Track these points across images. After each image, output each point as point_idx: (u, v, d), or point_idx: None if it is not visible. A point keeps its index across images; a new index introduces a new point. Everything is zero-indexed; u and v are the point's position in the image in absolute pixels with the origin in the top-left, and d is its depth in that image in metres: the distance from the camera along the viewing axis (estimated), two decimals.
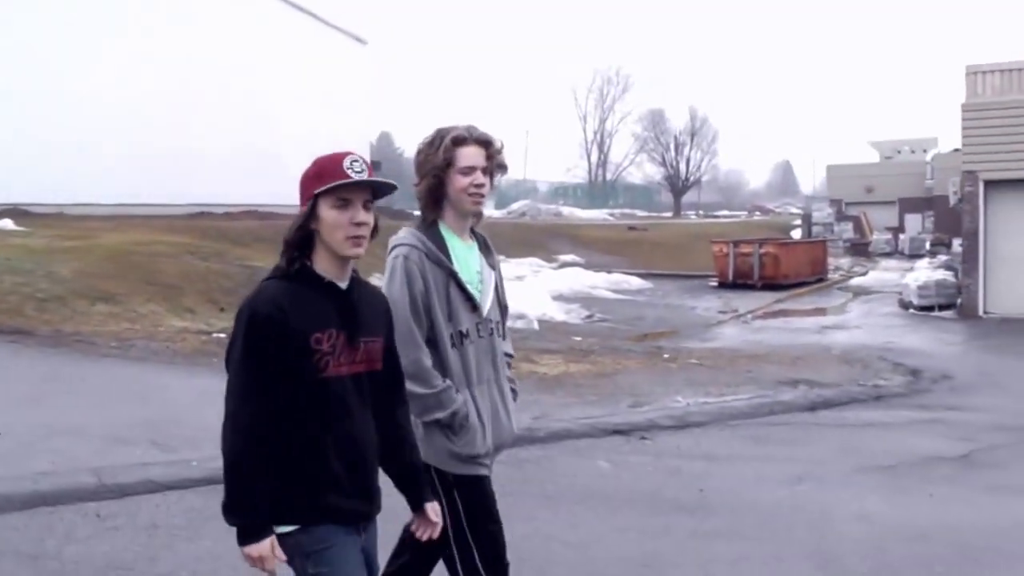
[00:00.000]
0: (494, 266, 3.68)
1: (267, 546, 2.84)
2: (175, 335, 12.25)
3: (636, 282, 28.45)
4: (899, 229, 49.74)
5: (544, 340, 15.20)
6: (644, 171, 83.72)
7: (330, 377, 2.85)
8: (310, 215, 2.85)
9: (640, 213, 68.73)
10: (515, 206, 55.92)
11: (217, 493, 6.16)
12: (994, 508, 7.25)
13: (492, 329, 3.60)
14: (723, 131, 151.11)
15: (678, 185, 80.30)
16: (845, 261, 39.95)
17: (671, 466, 8.11)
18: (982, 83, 21.89)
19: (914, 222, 50.80)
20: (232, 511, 2.85)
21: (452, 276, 3.48)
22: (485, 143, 3.56)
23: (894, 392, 11.79)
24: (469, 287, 3.52)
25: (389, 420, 3.11)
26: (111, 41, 27.14)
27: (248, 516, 2.83)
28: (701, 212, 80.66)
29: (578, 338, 16.06)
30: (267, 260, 18.41)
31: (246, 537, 2.85)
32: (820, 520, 6.74)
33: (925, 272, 26.89)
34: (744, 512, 6.86)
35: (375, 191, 2.95)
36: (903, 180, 54.48)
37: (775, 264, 29.32)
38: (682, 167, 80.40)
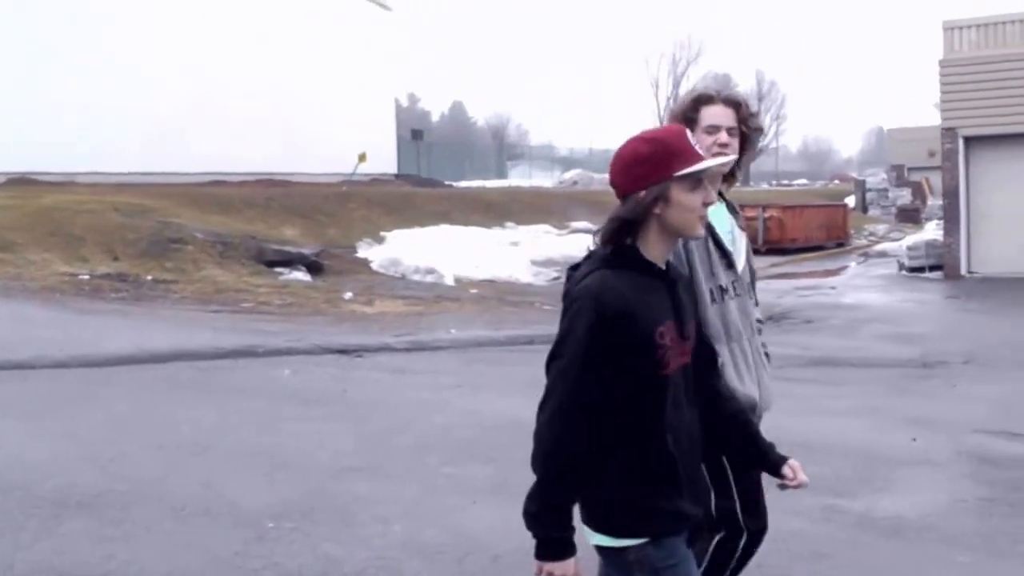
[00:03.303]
0: (743, 228, 3.65)
1: (571, 566, 2.56)
2: (45, 277, 13.13)
3: None
4: None
5: (438, 291, 15.70)
6: None
7: (670, 373, 2.63)
8: (658, 198, 2.64)
9: None
10: (567, 175, 55.43)
11: None
12: None
13: (746, 289, 3.56)
14: (794, 96, 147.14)
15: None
16: (882, 227, 39.01)
17: (347, 375, 9.01)
18: (959, 39, 21.37)
19: None
20: (538, 521, 2.56)
21: (710, 231, 3.37)
22: (735, 104, 3.48)
23: None
24: (726, 244, 3.48)
25: (717, 399, 2.92)
26: (127, 6, 27.52)
27: (555, 530, 2.55)
28: (775, 181, 79.08)
29: (475, 291, 16.38)
30: (199, 221, 18.85)
31: (549, 553, 2.56)
32: (434, 414, 7.38)
33: (921, 233, 26.28)
34: (356, 405, 7.75)
35: None
36: None
37: (780, 228, 29.16)
38: None
